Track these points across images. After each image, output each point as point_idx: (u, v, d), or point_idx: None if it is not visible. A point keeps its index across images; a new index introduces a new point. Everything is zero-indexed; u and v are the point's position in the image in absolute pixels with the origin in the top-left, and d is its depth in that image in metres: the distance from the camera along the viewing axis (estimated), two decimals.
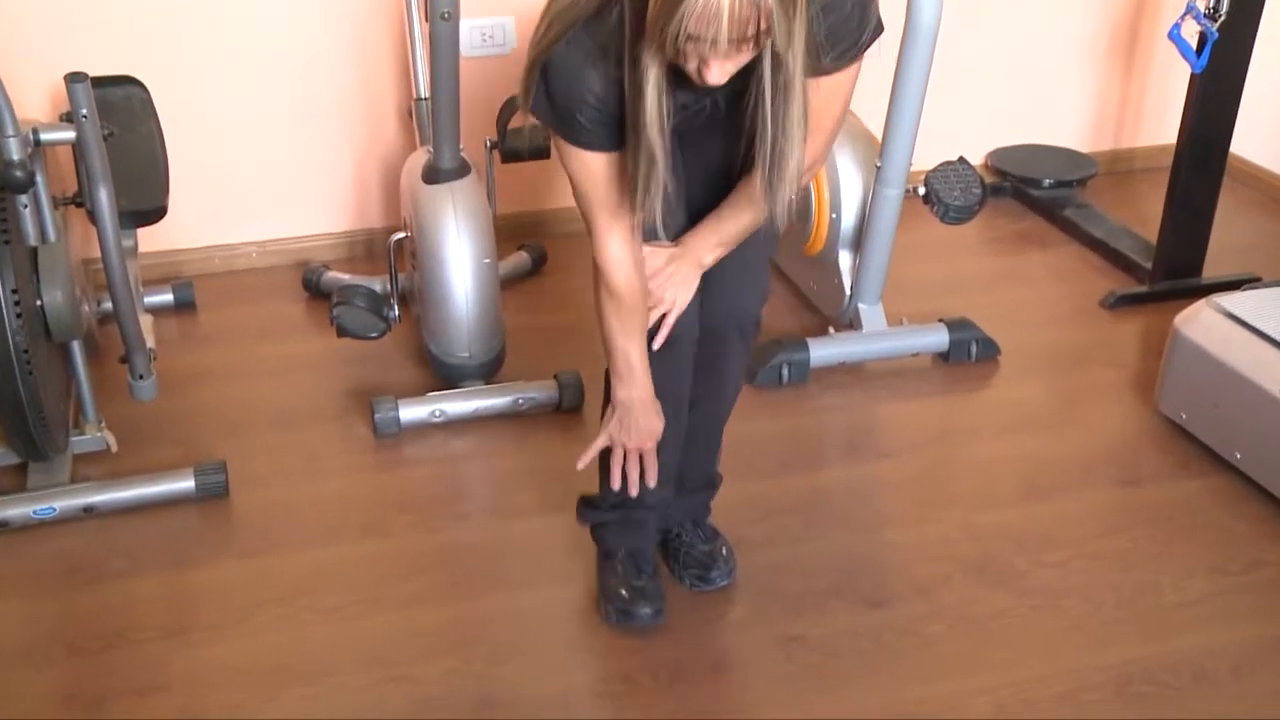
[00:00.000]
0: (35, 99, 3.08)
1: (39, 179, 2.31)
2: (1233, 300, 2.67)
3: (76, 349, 2.55)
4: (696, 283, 1.99)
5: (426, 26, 2.60)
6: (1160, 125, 4.04)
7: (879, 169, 2.82)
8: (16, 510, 2.44)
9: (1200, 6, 2.96)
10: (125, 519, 2.49)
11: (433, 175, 2.78)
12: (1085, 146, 4.06)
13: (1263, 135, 3.82)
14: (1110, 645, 2.20)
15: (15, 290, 2.23)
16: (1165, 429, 2.77)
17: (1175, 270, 3.30)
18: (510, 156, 3.01)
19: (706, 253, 1.98)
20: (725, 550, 2.34)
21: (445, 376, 2.85)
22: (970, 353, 3.02)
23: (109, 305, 2.44)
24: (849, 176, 2.94)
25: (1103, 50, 3.96)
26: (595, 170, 1.79)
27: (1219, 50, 2.99)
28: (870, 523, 2.51)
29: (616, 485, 2.09)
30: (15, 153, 2.17)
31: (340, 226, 3.54)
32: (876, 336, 2.99)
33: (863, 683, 2.12)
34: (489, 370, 2.85)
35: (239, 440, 2.73)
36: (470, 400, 2.79)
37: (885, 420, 2.87)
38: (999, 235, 3.71)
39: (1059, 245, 3.64)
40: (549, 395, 2.81)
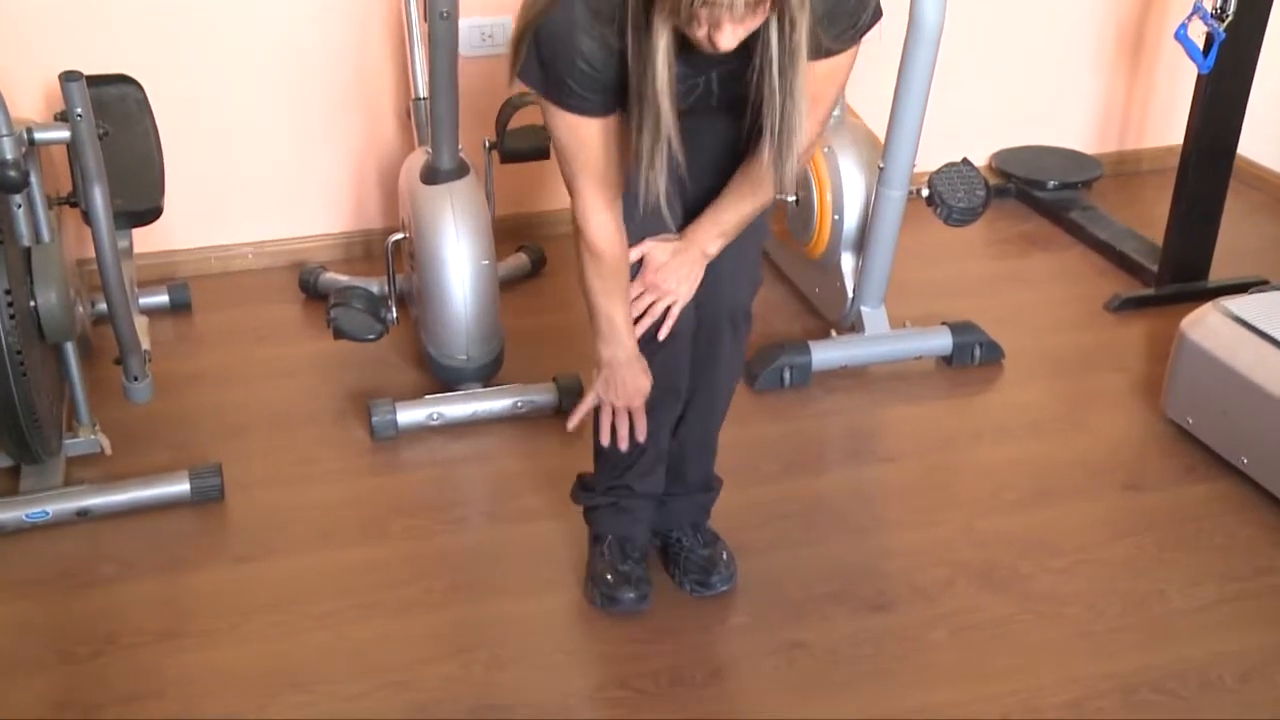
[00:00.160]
0: (30, 98, 3.08)
1: (33, 178, 2.32)
2: (1240, 303, 2.66)
3: (70, 350, 2.54)
4: (701, 274, 2.01)
5: (425, 25, 2.60)
6: (1166, 126, 4.04)
7: (882, 170, 2.81)
8: (8, 514, 2.43)
9: (1207, 7, 2.95)
10: (119, 523, 2.48)
11: (431, 176, 2.78)
12: (1091, 148, 4.06)
13: (1270, 137, 3.81)
14: (1116, 653, 2.19)
15: (9, 291, 2.22)
16: (1171, 434, 2.76)
17: (1181, 273, 3.30)
18: (509, 157, 3.01)
19: (710, 243, 1.99)
20: (726, 555, 2.33)
21: (443, 379, 2.84)
22: (974, 356, 3.02)
23: (103, 306, 2.47)
24: (851, 178, 2.94)
25: (1108, 50, 3.96)
26: (583, 135, 1.79)
27: (1226, 51, 2.98)
28: (872, 528, 2.51)
29: (606, 441, 2.10)
30: (9, 152, 2.17)
31: (338, 227, 3.54)
32: (879, 340, 2.99)
33: (864, 690, 2.11)
34: (487, 373, 2.85)
35: (234, 443, 2.72)
36: (469, 403, 2.79)
37: (888, 424, 2.87)
38: (1003, 237, 3.71)
39: (1064, 248, 3.63)
40: (548, 398, 2.81)
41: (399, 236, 2.90)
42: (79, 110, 2.18)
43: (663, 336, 2.03)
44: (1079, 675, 2.13)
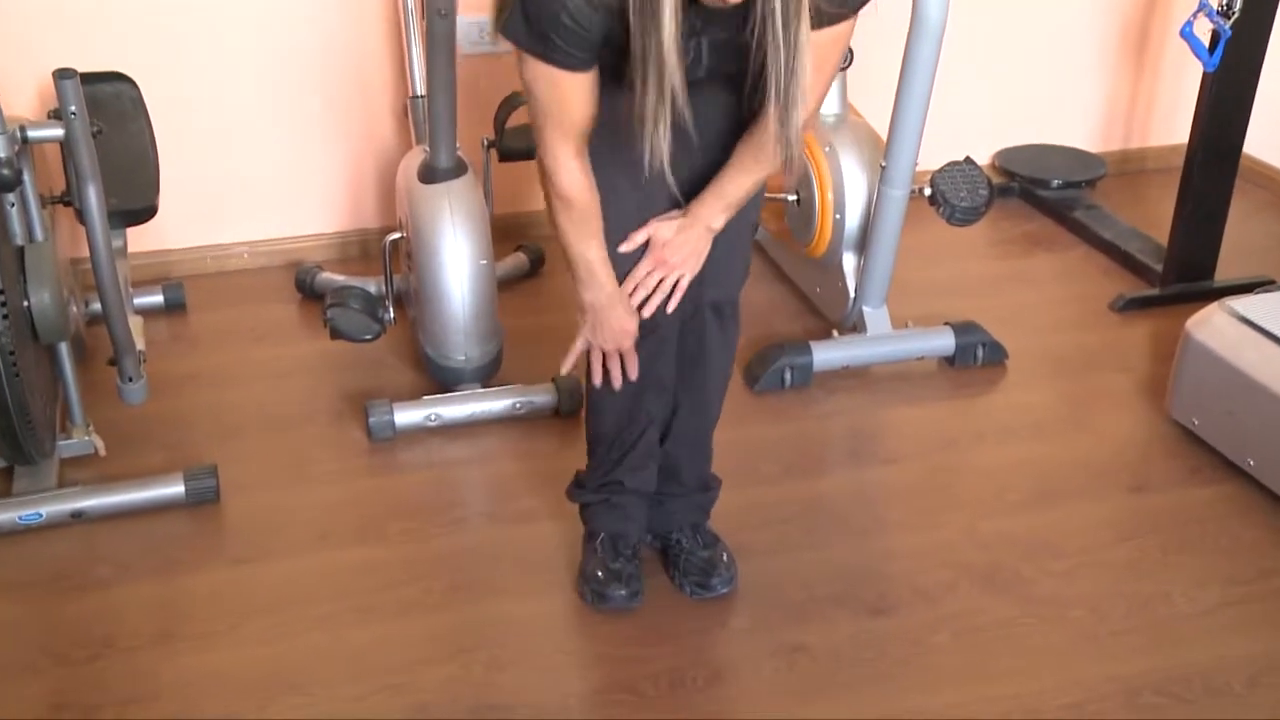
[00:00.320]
0: (23, 96, 3.07)
1: (26, 177, 2.31)
2: (1246, 303, 2.66)
3: (64, 351, 2.54)
4: (708, 247, 2.02)
5: (423, 22, 2.59)
6: (1171, 125, 4.03)
7: (884, 169, 2.81)
8: (1, 516, 2.42)
9: (1213, 3, 2.94)
10: (114, 525, 2.47)
11: (429, 174, 2.77)
12: (1095, 146, 4.05)
13: (1277, 135, 3.80)
14: (1119, 656, 2.18)
15: (2, 290, 2.21)
16: (1176, 435, 2.76)
17: (1187, 273, 3.29)
18: (508, 156, 3.00)
19: (715, 217, 1.99)
20: (726, 557, 2.33)
21: (441, 380, 2.84)
22: (977, 356, 3.01)
23: (97, 306, 2.46)
24: (853, 177, 2.94)
25: (1113, 48, 3.95)
26: (563, 89, 1.78)
27: (1232, 48, 2.97)
28: (874, 530, 2.50)
29: (598, 380, 2.10)
30: (2, 150, 2.17)
31: (334, 226, 3.54)
32: (881, 340, 2.99)
33: (866, 693, 2.10)
34: (486, 373, 2.84)
35: (230, 445, 2.72)
36: (467, 404, 2.78)
37: (890, 425, 2.86)
38: (1006, 237, 3.70)
39: (1067, 247, 3.63)
40: (547, 399, 2.80)
41: (396, 236, 2.90)
42: (73, 108, 2.18)
43: (672, 309, 2.04)
44: (1082, 678, 2.13)
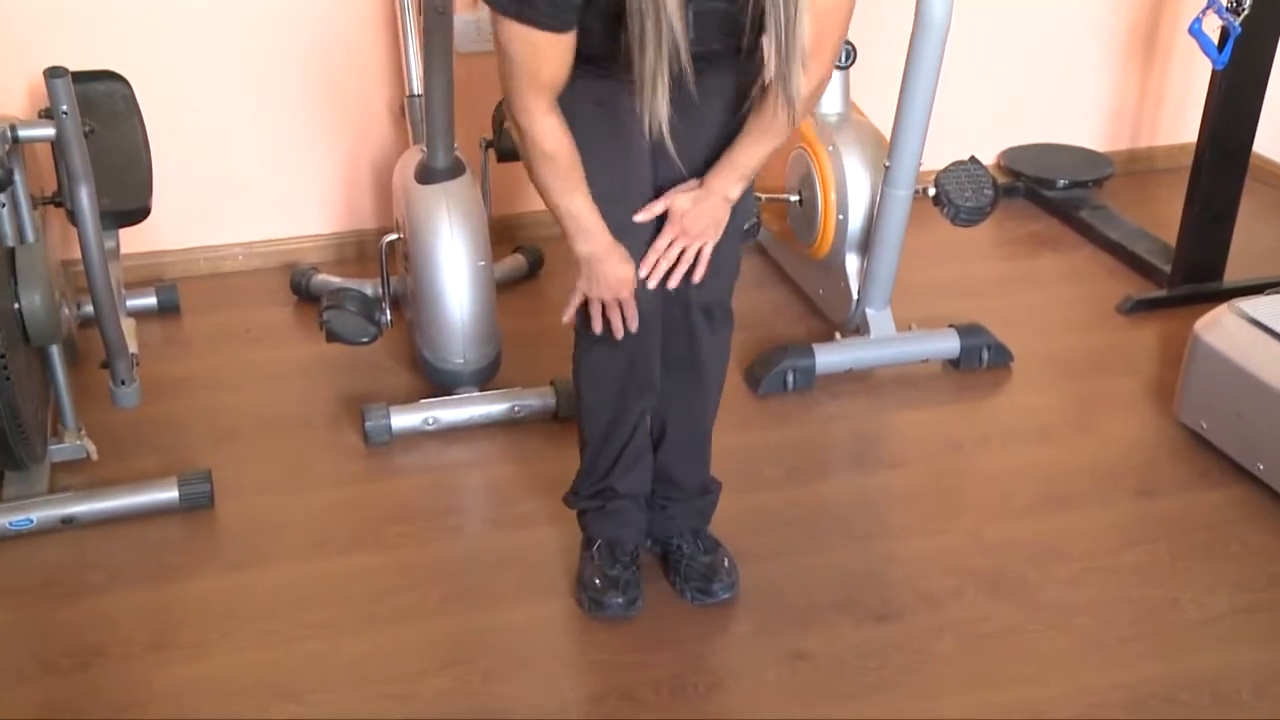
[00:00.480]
0: (13, 95, 3.07)
1: (17, 177, 2.32)
2: (1256, 305, 2.65)
3: (55, 354, 2.53)
4: (727, 215, 2.03)
5: (420, 20, 2.59)
6: (1180, 123, 4.03)
7: (887, 169, 2.80)
8: None
9: (1223, 0, 2.93)
10: (106, 530, 2.47)
11: (426, 175, 2.77)
12: (1102, 146, 4.05)
13: None
14: (1126, 664, 2.17)
15: None
16: (1184, 439, 2.75)
17: (1195, 274, 3.28)
18: (506, 156, 2.99)
19: (731, 187, 2.00)
20: (727, 562, 2.32)
21: (439, 383, 2.83)
22: (982, 359, 3.00)
23: (89, 309, 2.46)
24: (856, 177, 2.93)
25: (1120, 45, 3.95)
26: (543, 49, 1.78)
27: (1242, 46, 2.97)
28: (878, 534, 2.49)
29: (598, 328, 2.08)
30: None
31: (330, 228, 3.54)
32: (885, 342, 2.98)
33: (869, 700, 2.10)
34: (484, 377, 2.84)
35: (225, 449, 2.72)
36: (465, 408, 2.78)
37: (894, 429, 2.85)
38: (1012, 238, 3.70)
39: (1074, 248, 3.63)
40: (546, 402, 2.80)
41: (393, 237, 2.90)
42: (64, 107, 2.18)
43: (697, 279, 2.05)
44: (1088, 686, 2.12)
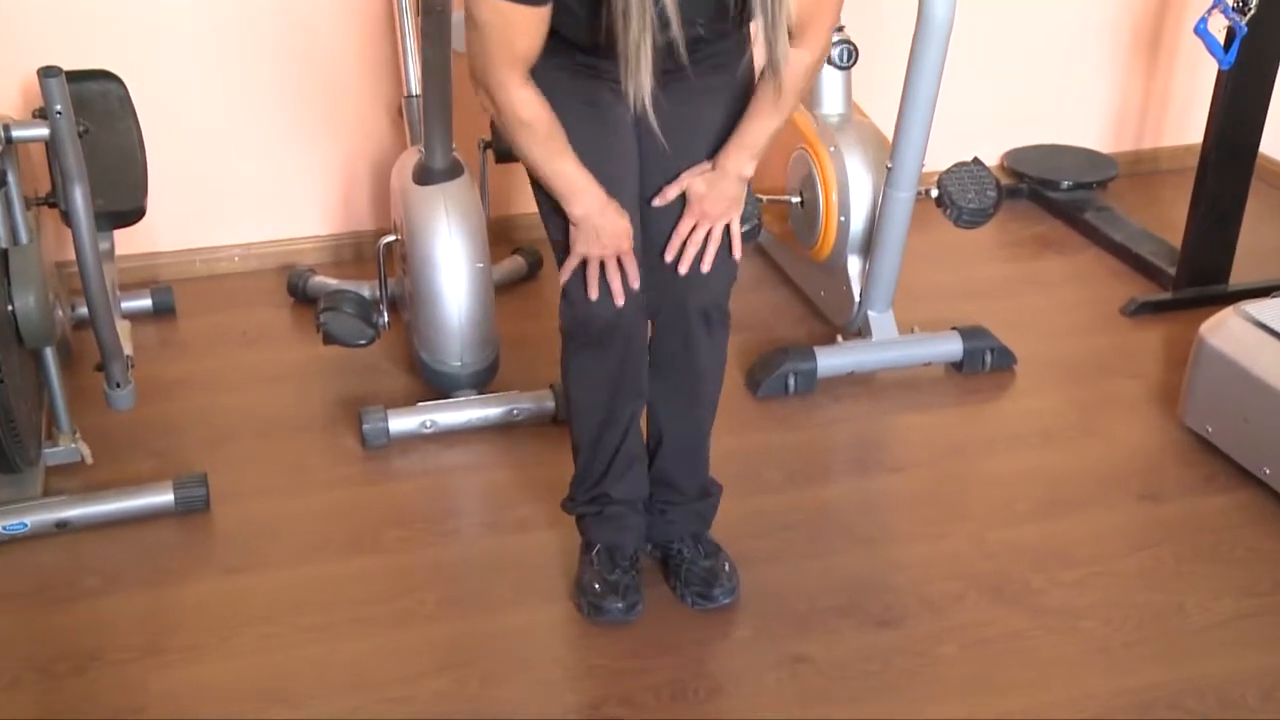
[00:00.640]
0: (7, 94, 3.07)
1: (11, 178, 2.31)
2: (1261, 308, 2.64)
3: (49, 356, 2.52)
4: (744, 194, 2.05)
5: (417, 20, 2.59)
6: (1185, 124, 4.02)
7: (889, 170, 2.80)
8: None
9: (1228, 0, 2.92)
10: (101, 534, 2.46)
11: (424, 176, 2.76)
12: (1106, 147, 4.04)
13: None
14: (1131, 669, 2.16)
15: None
16: (1190, 442, 2.74)
17: (1200, 276, 3.28)
18: (505, 157, 2.97)
19: (744, 165, 2.02)
20: (728, 567, 2.31)
21: (436, 386, 2.83)
22: (985, 362, 2.99)
23: (84, 310, 2.45)
24: (858, 178, 2.92)
25: (1125, 45, 3.94)
26: (517, 22, 1.78)
27: (1248, 46, 2.96)
28: (880, 539, 2.49)
29: (595, 295, 2.06)
30: None
31: (327, 229, 3.54)
32: (887, 345, 2.97)
33: (871, 706, 2.09)
34: (482, 379, 2.83)
35: (221, 452, 2.71)
36: (462, 410, 2.77)
37: (896, 432, 2.84)
38: (1015, 239, 3.70)
39: (1078, 250, 3.62)
40: (544, 405, 2.79)
41: (391, 239, 2.89)
42: (58, 107, 2.17)
43: (737, 256, 2.09)
44: (1093, 691, 2.11)
